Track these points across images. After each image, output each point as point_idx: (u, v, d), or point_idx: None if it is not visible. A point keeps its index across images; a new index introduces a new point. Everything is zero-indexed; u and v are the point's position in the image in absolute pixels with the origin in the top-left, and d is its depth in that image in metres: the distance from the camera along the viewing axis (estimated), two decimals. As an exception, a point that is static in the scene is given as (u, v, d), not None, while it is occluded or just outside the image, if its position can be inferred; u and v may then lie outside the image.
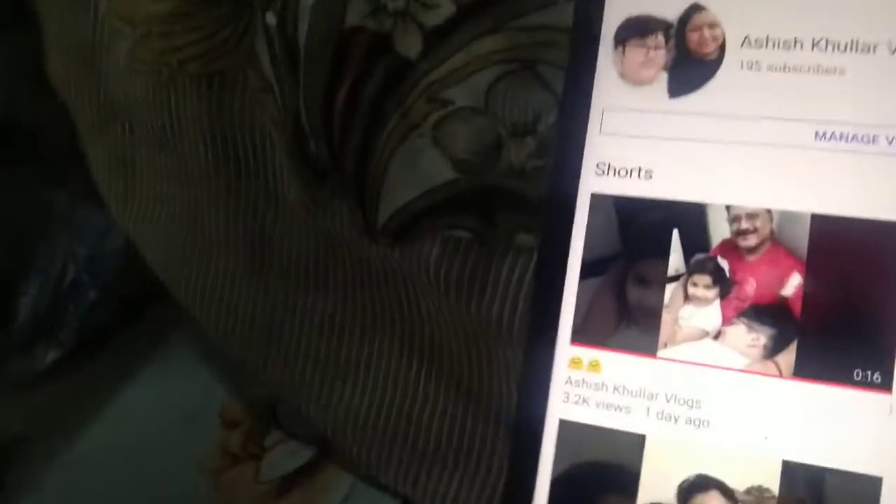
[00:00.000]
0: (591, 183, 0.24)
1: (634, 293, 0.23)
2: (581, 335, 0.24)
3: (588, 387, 0.23)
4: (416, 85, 0.28)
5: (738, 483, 0.22)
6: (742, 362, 0.22)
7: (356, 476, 0.37)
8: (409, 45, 0.28)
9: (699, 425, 0.22)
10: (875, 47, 0.23)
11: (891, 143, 0.22)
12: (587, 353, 0.24)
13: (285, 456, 0.39)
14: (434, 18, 0.28)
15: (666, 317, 0.23)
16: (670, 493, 0.22)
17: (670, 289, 0.23)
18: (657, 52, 0.24)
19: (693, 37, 0.24)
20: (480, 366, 0.30)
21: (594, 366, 0.23)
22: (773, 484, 0.21)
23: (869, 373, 0.21)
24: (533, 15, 0.27)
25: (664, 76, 0.24)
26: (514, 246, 0.28)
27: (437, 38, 0.28)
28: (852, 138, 0.22)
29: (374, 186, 0.30)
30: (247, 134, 0.34)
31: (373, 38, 0.28)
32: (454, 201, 0.28)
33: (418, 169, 0.29)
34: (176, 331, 0.41)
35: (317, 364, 0.33)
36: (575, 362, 0.24)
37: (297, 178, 0.32)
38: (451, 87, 0.28)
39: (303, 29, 0.30)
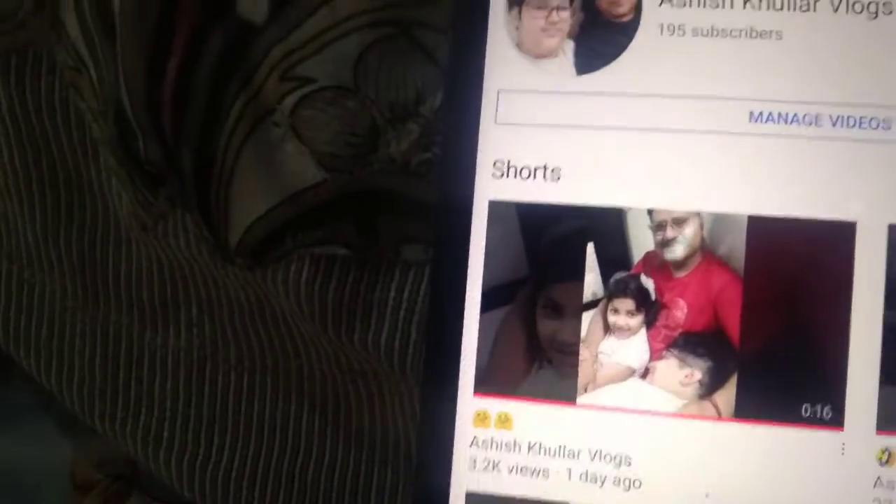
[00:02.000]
0: (489, 187, 0.29)
1: (547, 326, 0.29)
2: (486, 383, 0.29)
3: (498, 448, 0.29)
4: (265, 57, 0.32)
5: (678, 550, 0.27)
6: (675, 404, 0.28)
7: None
8: (253, 4, 0.32)
9: (629, 486, 0.28)
10: (815, 4, 0.27)
11: (835, 124, 0.28)
12: (495, 405, 0.29)
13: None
14: None
15: (585, 353, 0.29)
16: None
17: (588, 318, 0.29)
18: (561, 15, 0.29)
19: (603, -8, 0.28)
20: (371, 405, 0.36)
21: (504, 421, 0.29)
22: (720, 547, 0.27)
23: (819, 407, 0.27)
24: None
25: (570, 46, 0.29)
26: (400, 261, 0.33)
27: None
28: (793, 119, 0.28)
29: (221, 193, 0.34)
30: (60, 127, 0.37)
31: None
32: (324, 209, 0.33)
33: (276, 168, 0.33)
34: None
35: (174, 415, 0.39)
36: (481, 418, 0.29)
37: (126, 184, 0.36)
38: (310, 59, 0.32)
39: None
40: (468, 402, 0.29)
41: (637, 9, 0.28)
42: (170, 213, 0.34)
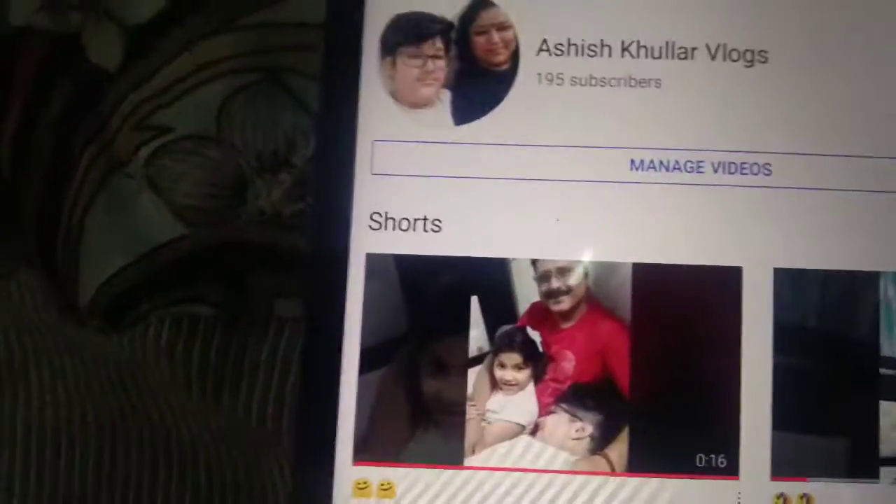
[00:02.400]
0: (366, 240, 0.28)
1: (430, 385, 0.28)
2: (367, 450, 0.27)
3: None
4: (118, 106, 0.31)
5: None
6: (567, 461, 0.27)
7: None
8: (106, 50, 0.31)
9: None
10: (693, 52, 0.28)
11: (716, 170, 0.28)
12: (376, 474, 0.27)
13: None
14: (138, 14, 0.30)
15: (472, 412, 0.28)
16: None
17: (473, 374, 0.28)
18: (436, 64, 0.29)
19: (479, 41, 0.28)
20: (248, 472, 0.35)
21: (386, 489, 0.28)
22: None
23: (713, 457, 0.27)
24: (272, 7, 0.31)
25: (447, 95, 0.29)
26: (274, 318, 0.32)
27: (143, 40, 0.30)
28: (674, 166, 0.28)
29: (69, 250, 0.33)
30: None
31: (52, 42, 0.31)
32: (185, 267, 0.32)
33: (130, 223, 0.31)
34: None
35: (25, 492, 0.37)
36: (361, 488, 0.28)
37: None
38: (168, 107, 0.31)
39: None
40: (346, 470, 0.27)
41: (514, 58, 0.28)
42: (13, 273, 0.32)
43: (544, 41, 0.28)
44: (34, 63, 0.30)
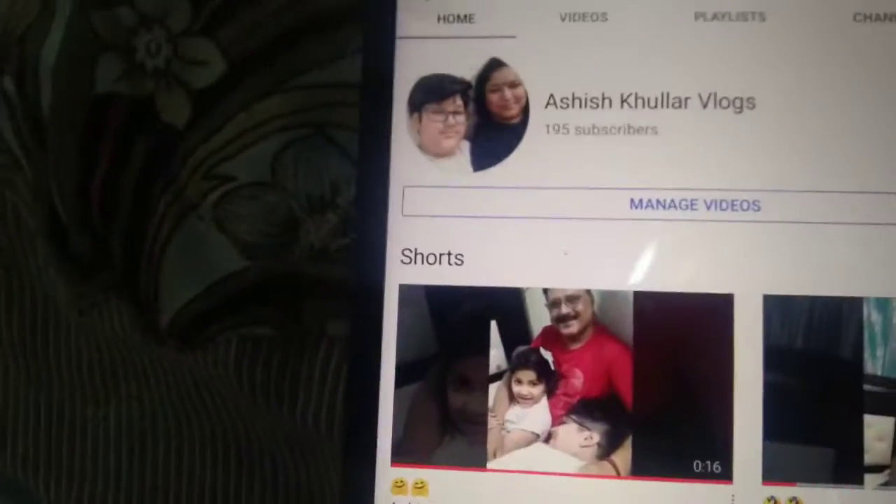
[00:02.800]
0: (399, 272, 0.32)
1: (456, 398, 0.32)
2: (403, 454, 0.31)
3: None
4: (187, 159, 0.35)
5: None
6: (576, 465, 0.31)
7: None
8: (176, 111, 0.34)
9: None
10: (686, 101, 0.31)
11: (710, 207, 0.31)
12: (411, 474, 0.31)
13: None
14: (202, 78, 0.34)
15: (492, 422, 0.31)
16: None
17: (494, 389, 0.31)
18: (457, 119, 0.32)
19: (494, 98, 0.32)
20: (308, 474, 0.38)
21: (420, 488, 0.31)
22: None
23: (709, 463, 0.30)
24: (317, 71, 0.34)
25: (467, 146, 0.32)
26: (325, 336, 0.35)
27: (207, 101, 0.34)
28: (670, 205, 0.31)
29: (150, 282, 0.37)
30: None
31: (131, 105, 0.35)
32: (248, 294, 0.35)
33: (201, 258, 0.35)
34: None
35: (118, 486, 0.41)
36: (398, 486, 0.31)
37: (61, 273, 0.38)
38: (231, 159, 0.34)
39: (46, 95, 0.35)
40: (386, 471, 0.31)
41: (524, 112, 0.31)
42: (103, 301, 0.36)
43: (551, 96, 0.31)
44: (117, 123, 0.34)
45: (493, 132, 0.31)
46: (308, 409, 0.34)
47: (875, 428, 0.29)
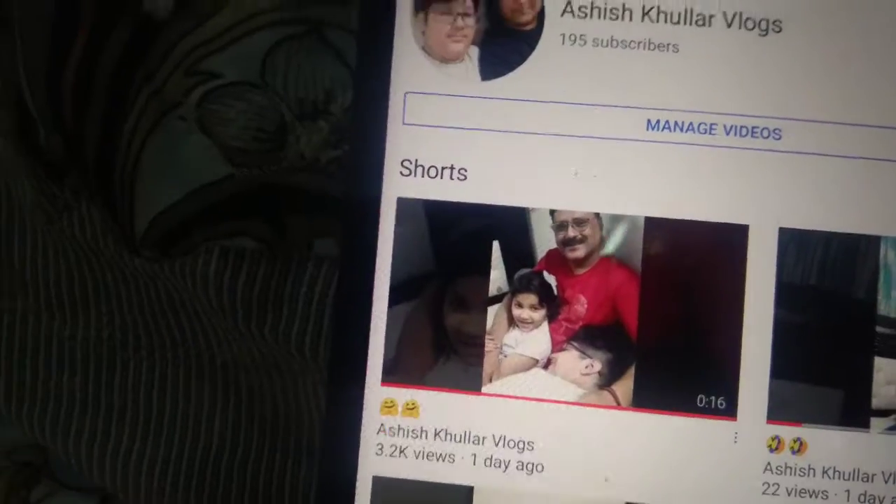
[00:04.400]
0: (397, 185, 0.30)
1: (453, 318, 0.30)
2: (394, 373, 0.29)
3: (405, 434, 0.29)
4: (170, 52, 0.32)
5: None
6: (576, 394, 0.29)
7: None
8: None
9: (532, 470, 0.29)
10: (710, 19, 0.29)
11: (728, 133, 0.29)
12: (402, 395, 0.29)
13: (57, 512, 0.43)
14: None
15: (490, 345, 0.29)
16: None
17: (493, 311, 0.29)
18: (466, 21, 0.30)
19: (507, 1, 0.30)
20: (285, 396, 0.36)
21: (411, 409, 0.30)
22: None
23: (713, 398, 0.29)
24: None
25: (475, 52, 0.30)
26: (312, 255, 0.33)
27: None
28: (688, 127, 0.29)
29: (125, 185, 0.34)
30: None
31: None
32: (231, 204, 0.33)
33: (181, 162, 0.32)
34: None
35: (84, 405, 0.39)
36: (388, 406, 0.30)
37: (29, 174, 0.35)
38: (216, 54, 0.32)
39: None
40: (376, 391, 0.29)
41: (540, 18, 0.29)
42: (74, 205, 0.34)
43: (569, 3, 0.29)
44: (91, 9, 0.31)
45: (505, 39, 0.29)
46: (291, 331, 0.32)
47: (885, 371, 0.28)
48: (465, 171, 0.28)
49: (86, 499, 0.40)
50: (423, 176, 0.29)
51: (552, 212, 0.28)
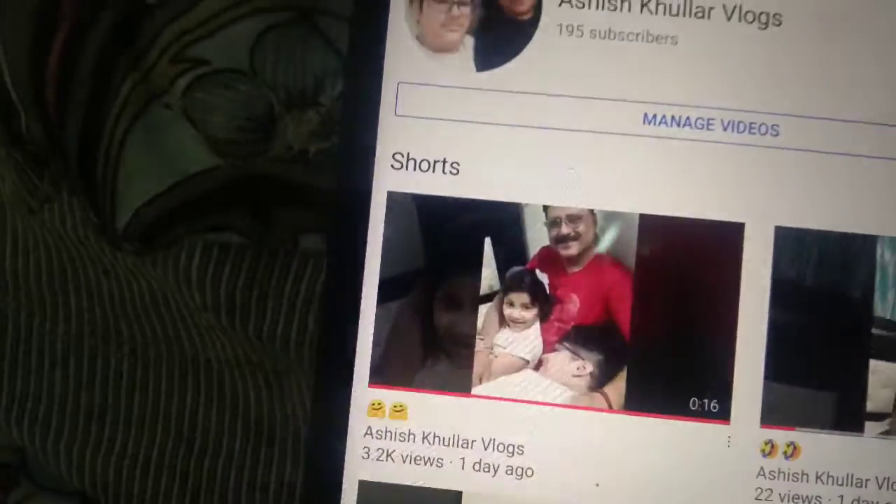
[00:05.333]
0: (388, 178, 0.28)
1: (443, 318, 0.29)
2: (381, 374, 0.28)
3: (392, 438, 0.28)
4: (156, 38, 0.31)
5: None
6: (567, 396, 0.28)
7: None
8: None
9: (522, 475, 0.28)
10: (710, 11, 0.28)
11: (726, 128, 0.28)
12: (389, 396, 0.28)
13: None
14: None
15: (480, 345, 0.28)
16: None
17: (483, 310, 0.28)
18: (461, 10, 0.29)
19: (503, -10, 0.28)
20: (270, 396, 0.35)
21: (399, 411, 0.29)
22: (607, 534, 0.26)
23: (706, 401, 0.28)
24: None
25: (470, 42, 0.29)
26: (298, 251, 0.32)
27: None
28: (685, 122, 0.28)
29: (108, 175, 0.33)
30: None
31: None
32: (216, 195, 0.32)
33: (166, 151, 0.31)
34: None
35: (63, 404, 0.37)
36: (375, 408, 0.29)
37: (8, 165, 0.34)
38: (204, 40, 0.31)
39: None
40: (363, 392, 0.28)
41: (537, 8, 0.28)
42: (55, 196, 0.33)
43: (567, -8, 0.27)
44: None
45: (501, 28, 0.28)
46: (276, 329, 0.31)
47: (880, 374, 0.27)
48: (458, 164, 0.27)
49: (65, 501, 0.38)
50: (414, 169, 0.28)
51: (545, 208, 0.28)
